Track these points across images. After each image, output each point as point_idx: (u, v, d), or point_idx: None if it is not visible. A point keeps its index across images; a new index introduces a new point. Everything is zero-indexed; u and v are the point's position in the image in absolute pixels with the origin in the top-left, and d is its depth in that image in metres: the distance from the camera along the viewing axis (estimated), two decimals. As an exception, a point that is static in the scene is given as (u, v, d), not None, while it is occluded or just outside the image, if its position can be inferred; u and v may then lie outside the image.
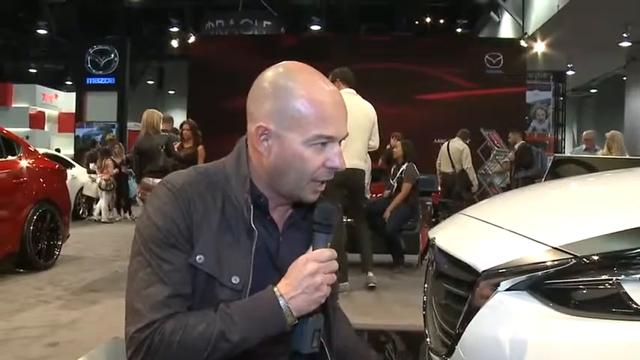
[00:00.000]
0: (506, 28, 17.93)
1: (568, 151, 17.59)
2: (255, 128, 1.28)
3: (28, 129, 18.38)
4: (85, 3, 19.86)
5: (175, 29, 21.54)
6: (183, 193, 1.27)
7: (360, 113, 5.45)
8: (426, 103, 14.33)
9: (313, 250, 1.27)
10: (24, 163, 6.17)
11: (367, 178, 6.76)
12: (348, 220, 5.88)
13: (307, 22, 21.03)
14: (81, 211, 12.26)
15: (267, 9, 17.88)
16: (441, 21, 22.71)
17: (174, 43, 20.59)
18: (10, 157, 6.06)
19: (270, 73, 1.30)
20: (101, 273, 6.34)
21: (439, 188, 10.69)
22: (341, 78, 5.56)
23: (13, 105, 18.54)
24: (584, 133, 10.04)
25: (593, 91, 26.01)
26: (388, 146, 11.31)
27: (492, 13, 19.31)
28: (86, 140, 15.95)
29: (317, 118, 1.25)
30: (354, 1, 20.88)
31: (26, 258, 6.05)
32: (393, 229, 6.63)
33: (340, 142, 1.30)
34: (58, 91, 20.06)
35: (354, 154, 5.33)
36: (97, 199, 12.26)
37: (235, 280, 1.26)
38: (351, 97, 5.48)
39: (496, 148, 7.09)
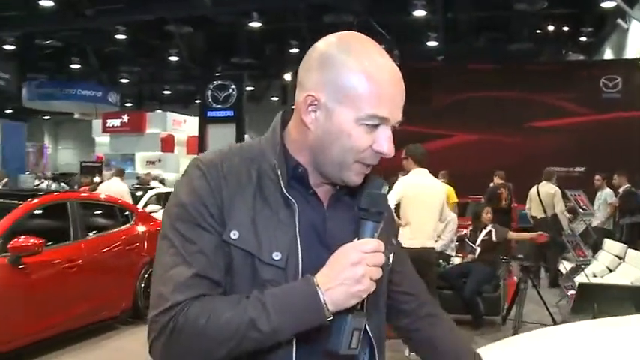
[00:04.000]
0: (635, 37, 16.87)
1: None
2: (304, 97, 1.19)
3: (160, 153, 20.11)
4: (210, 30, 21.29)
5: (295, 50, 22.46)
6: (213, 169, 1.19)
7: (431, 196, 5.61)
8: (537, 130, 13.99)
9: (359, 239, 1.16)
10: (137, 229, 7.01)
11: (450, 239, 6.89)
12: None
13: (423, 38, 20.95)
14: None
15: (382, 33, 18.21)
16: (565, 29, 21.70)
17: (294, 63, 21.37)
18: (125, 226, 6.93)
19: (323, 43, 1.21)
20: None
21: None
22: (412, 156, 5.68)
23: (147, 131, 20.35)
24: None
25: None
26: (492, 184, 11.06)
27: (619, 20, 18.23)
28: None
29: (373, 96, 1.15)
30: (472, 12, 20.53)
31: (138, 311, 6.88)
32: (472, 292, 6.73)
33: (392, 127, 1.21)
34: (186, 116, 21.73)
35: (425, 236, 5.55)
36: None
37: (277, 255, 1.15)
38: (421, 177, 5.70)
39: (581, 210, 6.89)
